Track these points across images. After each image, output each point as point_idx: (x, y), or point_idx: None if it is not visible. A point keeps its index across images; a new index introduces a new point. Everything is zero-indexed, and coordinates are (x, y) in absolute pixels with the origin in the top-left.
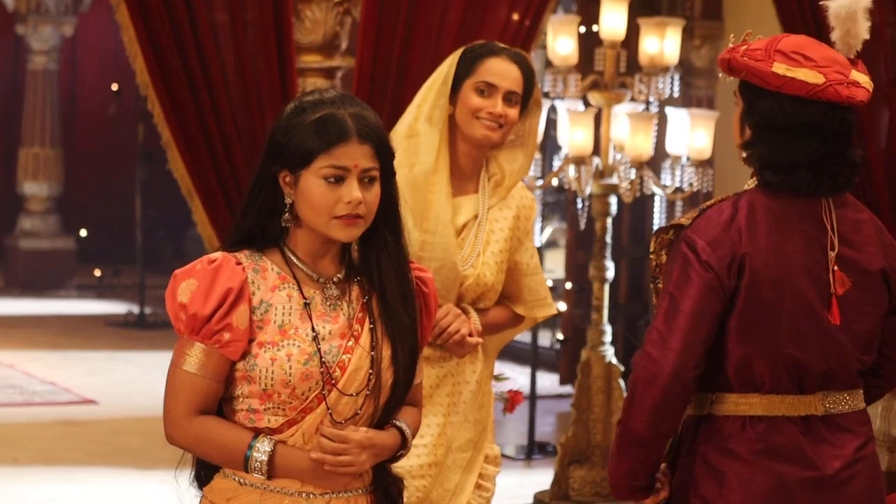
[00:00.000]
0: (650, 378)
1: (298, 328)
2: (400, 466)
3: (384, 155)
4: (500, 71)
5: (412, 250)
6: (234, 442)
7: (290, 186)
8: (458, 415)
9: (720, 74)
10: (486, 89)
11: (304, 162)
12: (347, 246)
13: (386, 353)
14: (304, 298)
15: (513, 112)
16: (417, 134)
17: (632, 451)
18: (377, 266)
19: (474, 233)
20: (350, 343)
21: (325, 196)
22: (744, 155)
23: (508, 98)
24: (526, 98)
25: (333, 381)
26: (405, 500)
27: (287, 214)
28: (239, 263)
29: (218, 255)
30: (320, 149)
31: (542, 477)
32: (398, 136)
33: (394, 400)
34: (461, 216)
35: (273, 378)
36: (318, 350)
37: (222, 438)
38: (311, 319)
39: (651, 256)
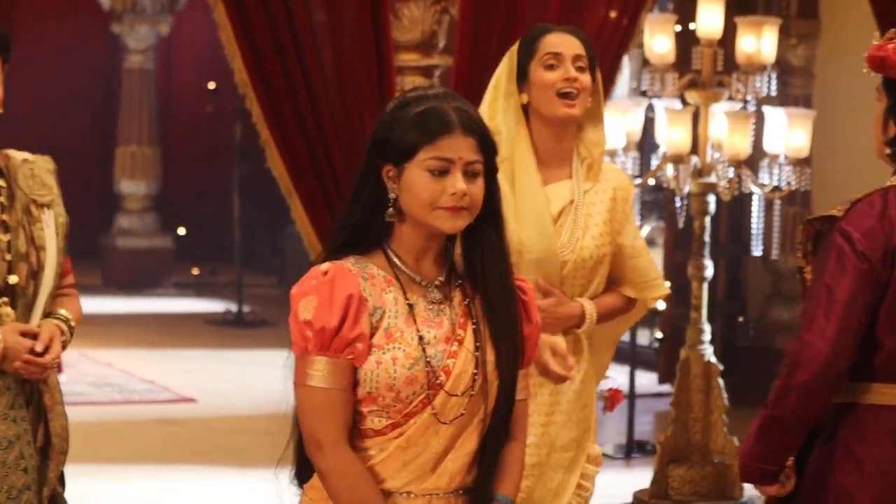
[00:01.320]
0: (804, 362)
1: (404, 332)
2: None
3: (488, 149)
4: (560, 41)
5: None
6: (366, 497)
7: (394, 181)
8: (562, 414)
9: (864, 70)
10: (554, 60)
11: (408, 155)
12: (449, 248)
13: (490, 353)
14: (408, 301)
15: (585, 77)
16: (499, 132)
17: (771, 434)
18: (481, 264)
19: (572, 218)
20: (454, 347)
21: (429, 188)
22: (888, 152)
23: (577, 65)
24: (592, 69)
25: (439, 385)
26: None
27: (391, 209)
28: (350, 270)
29: (327, 265)
30: (424, 141)
31: (641, 476)
32: None
33: (501, 404)
34: (556, 203)
35: (378, 381)
36: (424, 354)
37: (358, 486)
38: (415, 323)
39: (797, 246)
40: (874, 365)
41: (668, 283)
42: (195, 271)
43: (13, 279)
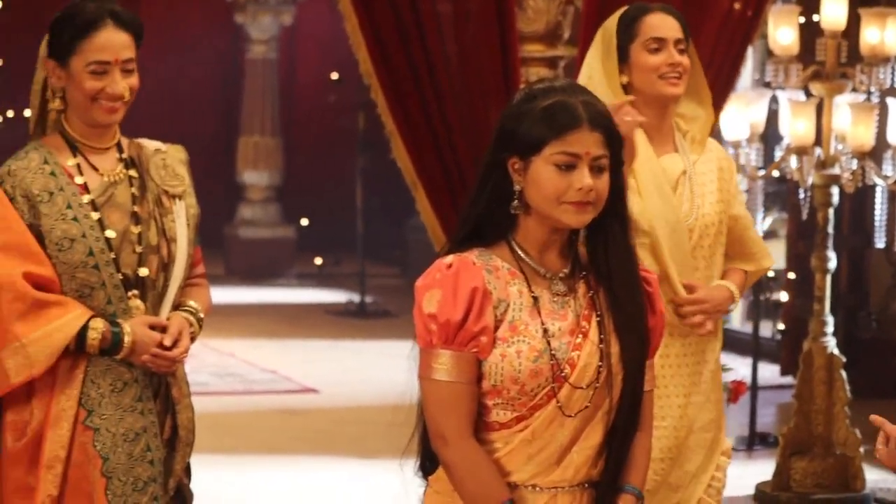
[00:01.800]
0: None
1: (528, 324)
2: None
3: (614, 143)
4: (662, 24)
5: (639, 226)
6: (492, 490)
7: (519, 173)
8: (700, 395)
9: None
10: (657, 44)
11: (535, 148)
12: (573, 241)
13: (615, 345)
14: (533, 294)
15: (686, 59)
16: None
17: None
18: (605, 257)
19: (688, 187)
20: (578, 339)
21: (556, 183)
22: None
23: (678, 48)
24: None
25: (564, 377)
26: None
27: (516, 202)
28: (474, 263)
29: (451, 258)
30: (551, 136)
31: (763, 468)
32: None
33: (626, 395)
34: (671, 173)
35: (503, 374)
36: (549, 347)
37: (484, 479)
38: (540, 316)
39: None
40: None
41: (790, 275)
42: (317, 261)
43: (143, 271)
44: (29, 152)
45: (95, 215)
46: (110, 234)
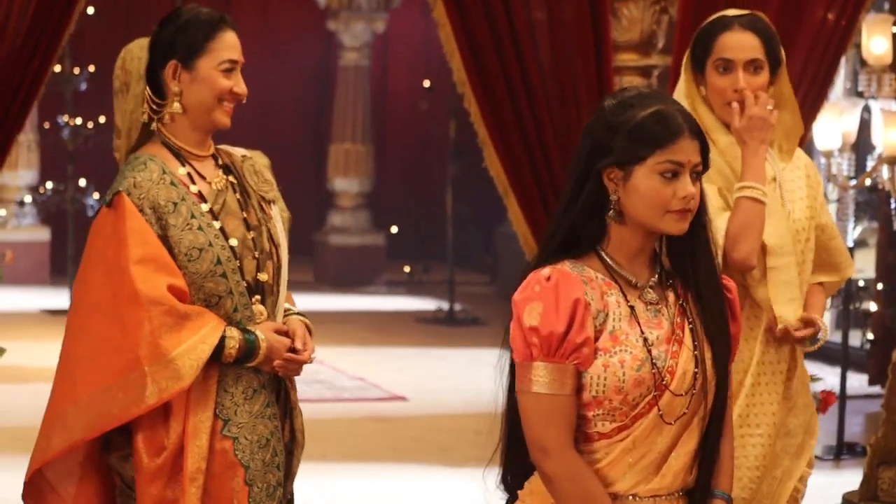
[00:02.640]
0: None
1: (629, 334)
2: (735, 457)
3: (706, 151)
4: (735, 44)
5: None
6: (597, 501)
7: (616, 182)
8: (789, 400)
9: None
10: (725, 65)
11: (639, 158)
12: (657, 249)
13: (707, 351)
14: (629, 303)
15: (758, 80)
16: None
17: None
18: (692, 262)
19: (779, 193)
20: (675, 347)
21: (661, 191)
22: None
23: (750, 68)
24: (774, 61)
25: (665, 385)
26: (736, 494)
27: (612, 211)
28: (571, 274)
29: (548, 270)
30: (658, 145)
31: (850, 477)
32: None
33: (719, 400)
34: None
35: (605, 385)
36: (650, 355)
37: (588, 491)
38: (639, 325)
39: None
40: None
41: (880, 285)
42: (407, 269)
43: (263, 277)
44: (146, 163)
45: (217, 224)
46: (233, 242)
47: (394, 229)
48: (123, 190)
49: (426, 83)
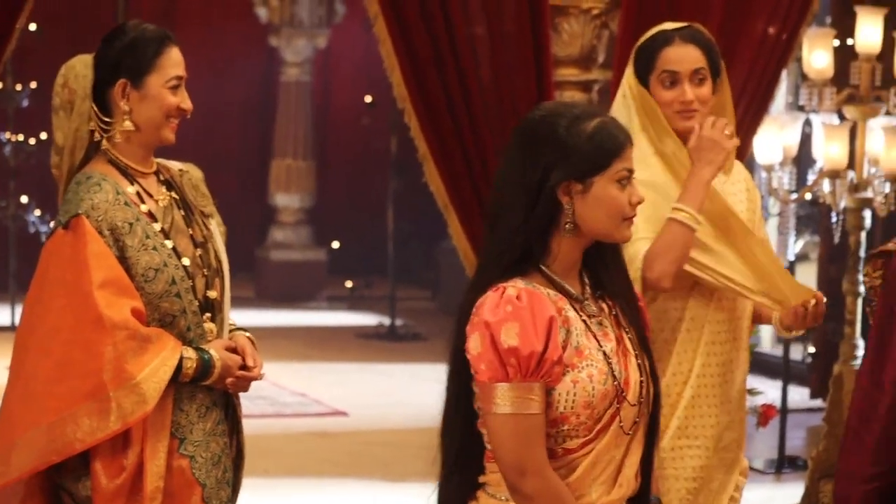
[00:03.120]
0: (867, 419)
1: (589, 348)
2: (674, 468)
3: None
4: (678, 56)
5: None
6: None
7: (573, 196)
8: (727, 415)
9: None
10: (670, 78)
11: (601, 168)
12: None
13: (644, 361)
14: (581, 317)
15: (703, 91)
16: (646, 129)
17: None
18: (608, 276)
19: None
20: (623, 358)
21: (619, 198)
22: None
23: (695, 79)
24: (715, 71)
25: (624, 396)
26: None
27: (569, 225)
28: (535, 292)
29: (514, 289)
30: (615, 153)
31: (792, 491)
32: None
33: (657, 407)
34: None
35: (575, 400)
36: (611, 367)
37: None
38: (595, 337)
39: (864, 280)
40: None
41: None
42: (349, 284)
43: (213, 294)
44: (100, 183)
45: (169, 243)
46: (186, 261)
47: (335, 245)
48: (82, 212)
49: (368, 98)
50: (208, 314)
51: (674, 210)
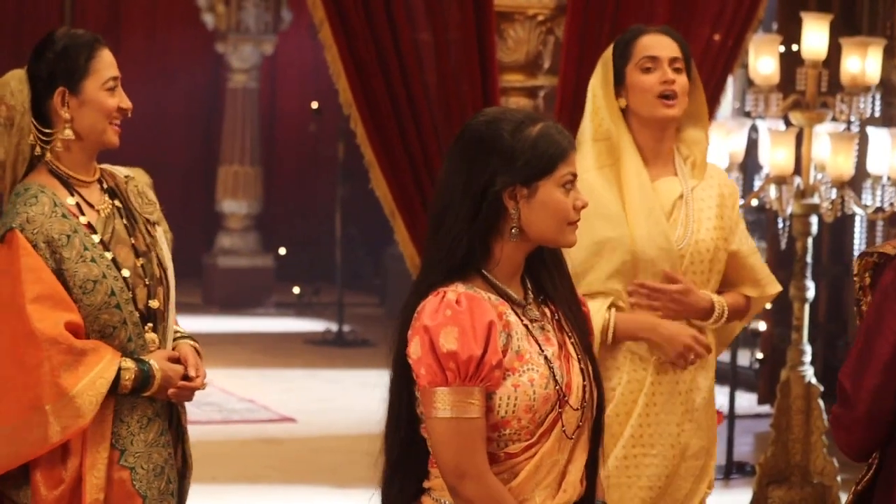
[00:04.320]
0: (845, 428)
1: (530, 352)
2: (628, 476)
3: None
4: (656, 43)
5: (632, 254)
6: None
7: (518, 200)
8: (693, 422)
9: None
10: (650, 63)
11: (547, 172)
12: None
13: (587, 365)
14: (522, 321)
15: (682, 78)
16: (608, 137)
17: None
18: (551, 281)
19: (684, 212)
20: (566, 362)
21: (564, 202)
22: None
23: (673, 66)
24: (688, 69)
25: (566, 400)
26: None
27: (514, 229)
28: (476, 296)
29: (454, 293)
30: (560, 157)
31: (740, 497)
32: (586, 140)
33: (601, 412)
34: (667, 198)
35: (516, 405)
36: (552, 372)
37: None
38: (536, 342)
39: (855, 279)
40: None
41: (769, 305)
42: (296, 290)
43: (154, 304)
44: (37, 195)
45: (109, 255)
46: (125, 272)
47: (282, 251)
48: (17, 226)
49: (315, 105)
50: (150, 324)
51: (605, 310)
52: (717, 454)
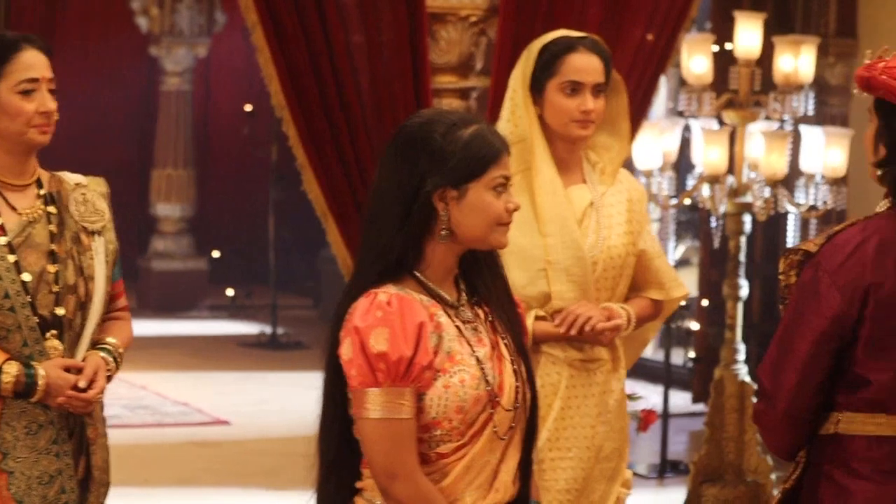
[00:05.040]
0: (766, 427)
1: (461, 353)
2: (545, 480)
3: None
4: (584, 66)
5: (539, 255)
6: None
7: (448, 202)
8: (606, 424)
9: (855, 91)
10: (573, 87)
11: (477, 174)
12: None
13: (521, 366)
14: (454, 322)
15: (601, 103)
16: (523, 139)
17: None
18: (485, 283)
19: (595, 219)
20: (498, 363)
21: (495, 205)
22: (878, 173)
23: (594, 91)
24: (607, 83)
25: (497, 401)
26: None
27: (445, 231)
28: (407, 297)
29: (384, 295)
30: (491, 160)
31: (674, 495)
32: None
33: (534, 412)
34: (577, 205)
35: (447, 405)
36: (483, 372)
37: None
38: (468, 343)
39: (780, 277)
40: (860, 398)
41: (705, 302)
42: (230, 293)
43: (60, 311)
44: None
45: (12, 258)
46: (26, 277)
47: (216, 254)
48: None
49: (248, 107)
50: (54, 331)
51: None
52: (627, 457)
